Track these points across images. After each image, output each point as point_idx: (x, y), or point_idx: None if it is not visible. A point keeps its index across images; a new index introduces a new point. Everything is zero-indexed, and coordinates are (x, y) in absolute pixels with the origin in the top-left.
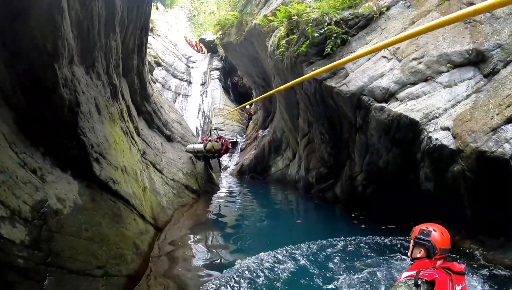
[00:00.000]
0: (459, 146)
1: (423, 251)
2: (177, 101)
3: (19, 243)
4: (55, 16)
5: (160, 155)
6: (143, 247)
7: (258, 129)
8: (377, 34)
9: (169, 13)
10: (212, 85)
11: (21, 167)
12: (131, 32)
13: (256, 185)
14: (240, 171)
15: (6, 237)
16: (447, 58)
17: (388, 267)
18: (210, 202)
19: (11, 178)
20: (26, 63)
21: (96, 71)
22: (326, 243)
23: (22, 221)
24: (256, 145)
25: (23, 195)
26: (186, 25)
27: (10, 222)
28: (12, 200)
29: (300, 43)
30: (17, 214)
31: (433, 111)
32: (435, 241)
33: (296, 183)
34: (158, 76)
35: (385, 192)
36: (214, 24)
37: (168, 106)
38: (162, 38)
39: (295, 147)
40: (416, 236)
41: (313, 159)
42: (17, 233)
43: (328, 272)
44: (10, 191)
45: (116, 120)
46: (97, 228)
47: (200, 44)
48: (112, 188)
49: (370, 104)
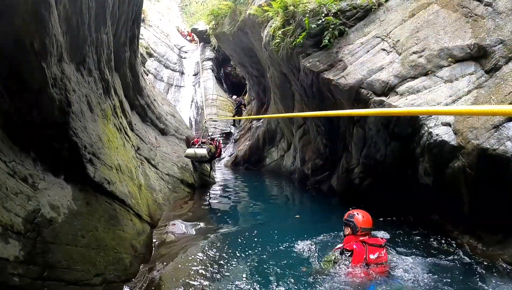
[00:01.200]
0: (460, 142)
1: (349, 230)
2: (170, 92)
3: (13, 260)
4: (41, 11)
5: (154, 150)
6: (140, 249)
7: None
8: (376, 26)
9: (160, 2)
10: (205, 75)
11: (10, 177)
12: (122, 25)
13: (251, 177)
14: (234, 162)
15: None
16: (448, 52)
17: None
18: (205, 196)
19: (0, 190)
20: (11, 64)
21: (87, 67)
22: (324, 238)
23: (15, 235)
24: (250, 136)
25: (15, 207)
26: (178, 15)
27: (2, 239)
28: (3, 215)
29: (297, 34)
30: (9, 229)
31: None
32: (357, 222)
33: (291, 175)
34: (150, 67)
35: (383, 185)
36: (207, 14)
37: (162, 99)
38: (154, 28)
39: (290, 138)
40: (345, 218)
41: (308, 151)
42: (11, 249)
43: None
44: (0, 205)
45: (109, 116)
46: (93, 233)
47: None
48: (107, 189)
49: (369, 98)
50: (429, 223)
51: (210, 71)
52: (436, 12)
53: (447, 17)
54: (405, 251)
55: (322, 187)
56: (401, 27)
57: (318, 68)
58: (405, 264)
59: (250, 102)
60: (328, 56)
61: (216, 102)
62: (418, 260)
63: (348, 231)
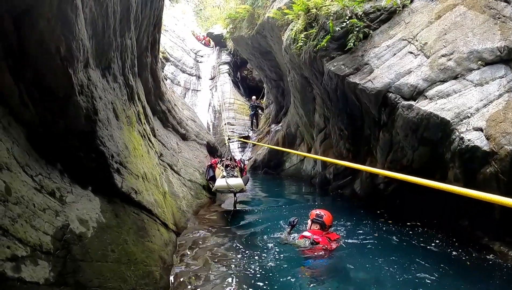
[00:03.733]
0: (493, 148)
1: (318, 226)
2: (187, 96)
3: (44, 283)
4: (68, 13)
5: (176, 156)
6: (169, 260)
7: (271, 124)
8: (401, 28)
9: (175, 7)
10: (222, 79)
11: (37, 191)
12: (144, 29)
13: (270, 181)
14: (253, 166)
15: (29, 280)
16: (478, 55)
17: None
18: (227, 201)
19: (27, 208)
20: (36, 71)
21: (113, 73)
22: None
23: (44, 255)
24: (269, 140)
25: (43, 224)
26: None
27: (31, 261)
28: (31, 234)
29: (320, 37)
30: (38, 249)
31: (465, 111)
32: (326, 221)
33: (311, 179)
34: (167, 72)
35: (409, 190)
36: (224, 18)
37: (181, 104)
38: (170, 33)
39: (310, 142)
40: (314, 218)
41: (329, 155)
42: (40, 271)
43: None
44: (28, 224)
45: (134, 123)
46: (123, 247)
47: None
48: (135, 199)
49: (397, 102)
50: (458, 229)
51: (227, 75)
52: (463, 13)
53: (475, 19)
54: (433, 255)
55: (345, 192)
56: (428, 29)
57: (343, 72)
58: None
59: (268, 105)
60: (353, 59)
61: (234, 105)
62: (445, 264)
63: (317, 227)
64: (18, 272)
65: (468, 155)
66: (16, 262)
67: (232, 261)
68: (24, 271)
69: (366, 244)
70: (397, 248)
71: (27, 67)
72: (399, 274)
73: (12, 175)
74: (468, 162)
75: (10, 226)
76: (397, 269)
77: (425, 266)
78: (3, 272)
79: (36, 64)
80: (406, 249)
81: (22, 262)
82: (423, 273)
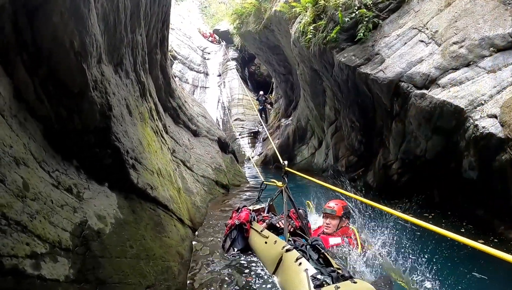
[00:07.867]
0: (508, 134)
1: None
2: (196, 93)
3: (64, 280)
4: (81, 8)
5: (188, 152)
6: (186, 255)
7: (280, 118)
8: (411, 17)
9: (180, 5)
10: (230, 75)
11: (55, 188)
12: (153, 26)
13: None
14: (264, 161)
15: (49, 277)
16: (490, 41)
17: None
18: (240, 197)
19: (45, 204)
20: (50, 66)
21: (125, 69)
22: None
23: (63, 252)
24: (279, 134)
25: (61, 221)
26: (198, 16)
27: (51, 258)
28: (50, 231)
29: (329, 29)
30: (57, 246)
31: (478, 98)
32: (337, 211)
33: (323, 172)
34: (175, 70)
35: (423, 180)
36: (230, 14)
37: (191, 100)
38: (176, 31)
39: (321, 136)
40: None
41: (341, 148)
42: (60, 268)
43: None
44: (46, 221)
45: (147, 120)
46: (141, 242)
47: (214, 35)
48: (151, 195)
49: (409, 91)
50: (473, 218)
51: (235, 71)
52: (473, 0)
53: (485, 5)
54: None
55: (357, 184)
56: (438, 17)
57: (354, 63)
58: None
59: (277, 100)
60: (363, 50)
61: (243, 101)
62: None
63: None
64: (38, 269)
65: (483, 142)
66: (36, 259)
67: (249, 255)
68: (44, 268)
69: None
70: (412, 236)
71: (42, 62)
72: (413, 264)
73: (29, 171)
74: (483, 150)
75: (29, 222)
76: (411, 258)
77: (443, 254)
78: (23, 270)
79: (50, 59)
80: (420, 238)
81: (42, 259)
82: (441, 260)
